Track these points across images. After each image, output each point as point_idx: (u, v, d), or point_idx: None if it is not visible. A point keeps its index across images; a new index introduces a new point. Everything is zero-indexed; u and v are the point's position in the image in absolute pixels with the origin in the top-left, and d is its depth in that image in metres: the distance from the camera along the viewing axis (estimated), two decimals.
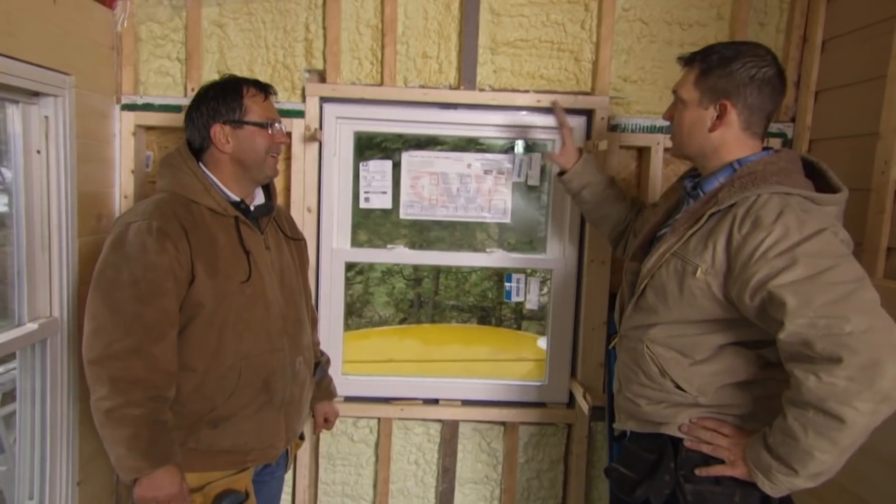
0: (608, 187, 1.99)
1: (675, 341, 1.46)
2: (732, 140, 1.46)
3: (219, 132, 1.64)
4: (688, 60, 1.51)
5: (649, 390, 1.50)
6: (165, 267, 1.52)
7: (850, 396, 1.16)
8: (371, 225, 6.10)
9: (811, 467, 1.24)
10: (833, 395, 1.17)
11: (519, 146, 2.38)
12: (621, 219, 1.98)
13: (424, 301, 7.14)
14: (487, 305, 6.64)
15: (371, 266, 6.44)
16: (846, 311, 1.17)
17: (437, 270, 6.55)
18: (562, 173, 2.01)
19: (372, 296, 7.16)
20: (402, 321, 7.17)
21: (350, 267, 7.66)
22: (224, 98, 1.65)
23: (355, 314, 6.92)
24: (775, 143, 2.21)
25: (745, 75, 1.41)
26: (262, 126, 1.66)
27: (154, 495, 1.49)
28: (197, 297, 1.57)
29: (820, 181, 1.44)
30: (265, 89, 1.71)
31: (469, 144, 2.51)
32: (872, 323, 1.17)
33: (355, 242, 2.36)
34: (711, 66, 1.44)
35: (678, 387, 1.44)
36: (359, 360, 4.03)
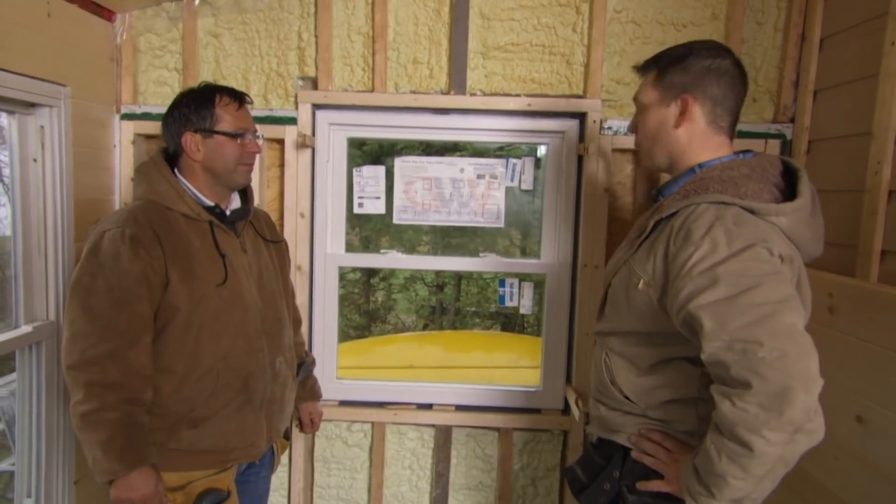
0: None
1: (629, 350, 1.42)
2: (699, 137, 1.40)
3: (189, 140, 1.67)
4: (643, 68, 1.48)
5: (605, 396, 1.49)
6: (138, 273, 1.55)
7: (759, 425, 1.10)
8: (394, 231, 6.18)
9: (727, 492, 1.18)
10: (743, 422, 1.11)
11: (541, 150, 2.37)
12: None
13: (446, 308, 7.16)
14: (510, 312, 6.61)
15: (393, 272, 6.48)
16: (761, 335, 1.11)
17: (459, 277, 6.54)
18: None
19: (395, 302, 7.20)
20: (424, 327, 7.20)
21: (373, 273, 7.78)
22: (195, 106, 1.67)
23: (379, 320, 6.99)
24: (774, 144, 2.16)
25: (701, 66, 1.37)
26: (232, 136, 1.68)
27: (129, 496, 1.52)
28: (172, 301, 1.60)
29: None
30: (239, 98, 1.72)
31: (488, 150, 2.51)
32: (787, 349, 1.10)
33: (379, 247, 2.39)
34: (666, 65, 1.41)
35: (626, 397, 1.42)
36: (374, 367, 4.06)
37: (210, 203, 1.71)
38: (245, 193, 1.85)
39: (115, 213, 1.66)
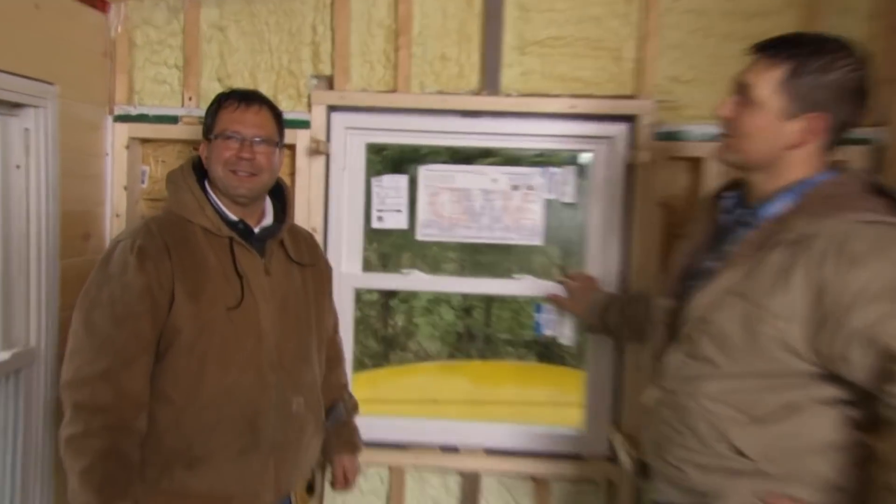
0: (625, 300, 1.92)
1: (736, 397, 1.27)
2: (808, 156, 1.27)
3: (203, 149, 1.62)
4: (768, 50, 1.26)
5: (699, 455, 1.30)
6: (142, 287, 1.47)
7: None
8: (417, 248, 5.96)
9: None
10: None
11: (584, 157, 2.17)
12: None
13: (475, 334, 6.87)
14: (547, 340, 6.28)
15: (415, 293, 6.15)
16: None
17: (489, 300, 6.24)
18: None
19: (417, 327, 6.93)
20: (449, 356, 6.93)
21: (392, 294, 7.44)
22: (208, 112, 1.63)
23: (398, 347, 6.68)
24: (857, 150, 1.87)
25: (844, 84, 1.21)
26: (223, 138, 1.57)
27: None
28: (175, 321, 1.50)
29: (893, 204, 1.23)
30: (244, 98, 1.61)
31: (523, 157, 2.37)
32: None
33: (400, 265, 2.23)
34: (803, 71, 1.21)
35: (738, 452, 1.25)
36: (392, 401, 3.84)
37: (234, 218, 1.60)
38: (284, 210, 1.72)
39: (133, 224, 1.64)
